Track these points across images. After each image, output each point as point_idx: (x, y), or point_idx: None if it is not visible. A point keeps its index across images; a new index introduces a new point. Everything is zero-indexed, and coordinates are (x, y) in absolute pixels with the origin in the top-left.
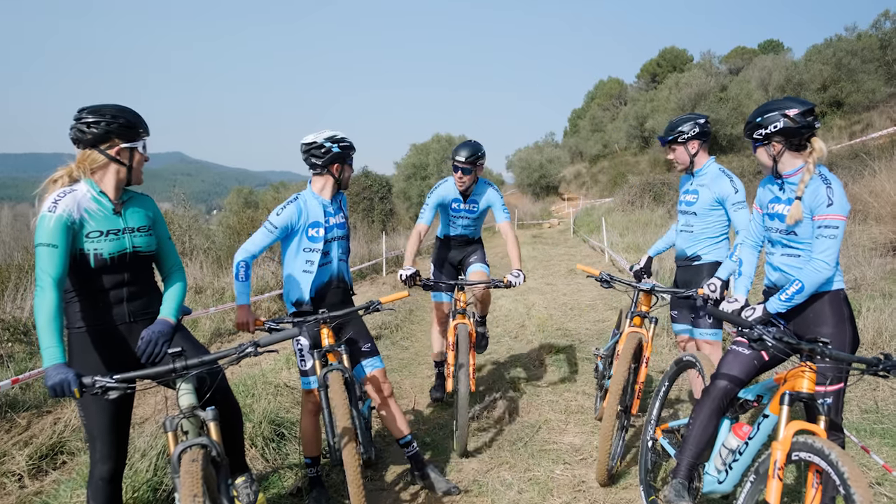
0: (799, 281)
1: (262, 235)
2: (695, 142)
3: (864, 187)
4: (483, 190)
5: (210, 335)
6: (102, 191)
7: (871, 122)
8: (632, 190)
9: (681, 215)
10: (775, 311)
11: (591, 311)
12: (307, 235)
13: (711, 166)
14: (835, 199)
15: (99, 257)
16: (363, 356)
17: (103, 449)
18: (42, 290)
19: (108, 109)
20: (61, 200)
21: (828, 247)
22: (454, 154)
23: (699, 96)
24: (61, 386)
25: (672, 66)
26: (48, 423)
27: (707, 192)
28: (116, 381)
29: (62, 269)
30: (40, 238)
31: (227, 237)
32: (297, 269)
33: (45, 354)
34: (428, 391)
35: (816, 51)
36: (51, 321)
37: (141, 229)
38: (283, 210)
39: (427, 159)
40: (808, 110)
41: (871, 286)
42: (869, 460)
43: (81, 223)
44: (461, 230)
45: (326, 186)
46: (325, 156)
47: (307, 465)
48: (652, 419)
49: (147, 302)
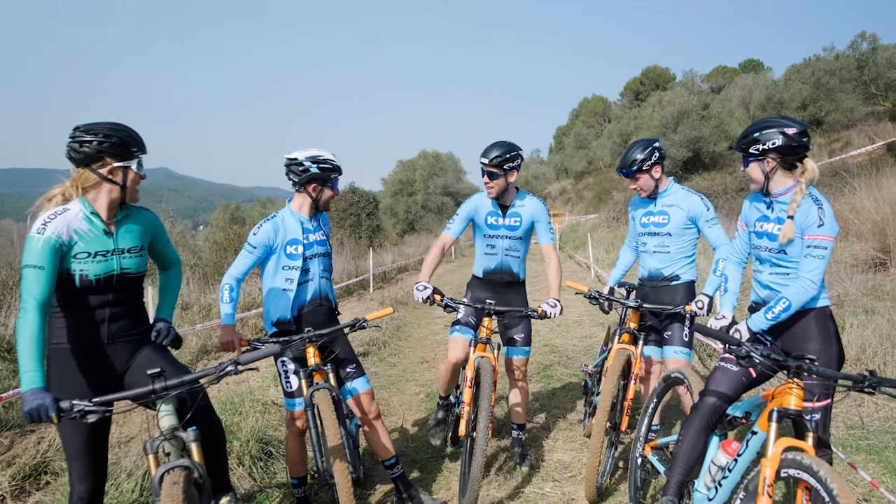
0: (786, 299)
1: (244, 257)
2: (657, 166)
3: (845, 205)
4: (526, 201)
5: (197, 352)
6: (95, 210)
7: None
8: (616, 206)
9: (649, 237)
10: (759, 330)
11: (578, 328)
12: (285, 253)
13: (674, 187)
14: (825, 220)
15: (84, 278)
16: (349, 378)
17: (80, 469)
18: (25, 313)
19: (101, 128)
20: (51, 222)
21: (816, 266)
22: (481, 155)
23: (682, 114)
24: (38, 411)
25: (655, 84)
26: (31, 443)
27: (678, 211)
28: (95, 404)
29: (48, 292)
30: (27, 259)
31: (214, 253)
32: (277, 288)
33: (24, 378)
34: (416, 407)
35: (796, 70)
36: (32, 345)
37: (132, 250)
38: (259, 229)
39: (414, 175)
40: (803, 131)
41: (853, 302)
42: (856, 476)
43: (70, 244)
44: (503, 257)
45: (304, 205)
46: (303, 174)
47: (294, 486)
48: (641, 436)
49: (130, 323)
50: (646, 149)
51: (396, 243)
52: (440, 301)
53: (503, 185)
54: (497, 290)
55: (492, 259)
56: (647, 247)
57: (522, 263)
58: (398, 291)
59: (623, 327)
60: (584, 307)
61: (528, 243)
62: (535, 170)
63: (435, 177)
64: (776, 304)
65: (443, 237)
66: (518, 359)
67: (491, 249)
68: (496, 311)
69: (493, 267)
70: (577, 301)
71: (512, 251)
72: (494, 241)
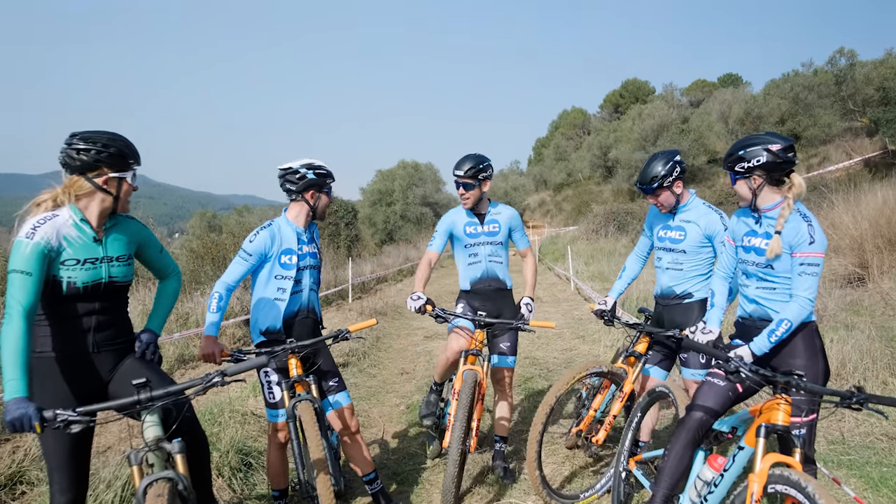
0: (787, 320)
1: (238, 265)
2: (679, 181)
3: (824, 220)
4: (500, 208)
5: (174, 361)
6: (85, 218)
7: (828, 155)
8: (596, 219)
9: (664, 253)
10: (762, 353)
11: (558, 340)
12: (279, 262)
13: (695, 201)
14: (816, 237)
15: (72, 285)
16: (331, 391)
17: (62, 481)
18: (10, 319)
19: (100, 137)
20: (40, 227)
21: (811, 284)
22: (454, 168)
23: (661, 127)
24: (21, 421)
25: (635, 97)
26: (6, 452)
27: (695, 228)
28: (79, 414)
29: (34, 298)
30: (14, 264)
31: (190, 261)
32: (268, 297)
33: (7, 387)
34: (397, 419)
35: (774, 85)
36: (16, 353)
37: (120, 259)
38: (255, 237)
39: (393, 185)
40: (789, 146)
41: (832, 318)
42: (839, 492)
43: (59, 251)
44: (487, 264)
45: (301, 214)
46: (300, 182)
47: (275, 498)
48: (625, 450)
49: (115, 333)
50: (667, 163)
51: (375, 253)
52: (431, 311)
53: (478, 196)
54: (489, 299)
55: (476, 268)
56: (661, 263)
57: (506, 270)
58: (377, 302)
59: (631, 350)
60: (564, 319)
61: (507, 250)
62: (515, 181)
63: (414, 187)
64: (778, 326)
65: (428, 253)
66: (504, 368)
67: (474, 258)
68: (486, 322)
69: (480, 275)
70: (556, 313)
71: (495, 257)
72: (476, 250)
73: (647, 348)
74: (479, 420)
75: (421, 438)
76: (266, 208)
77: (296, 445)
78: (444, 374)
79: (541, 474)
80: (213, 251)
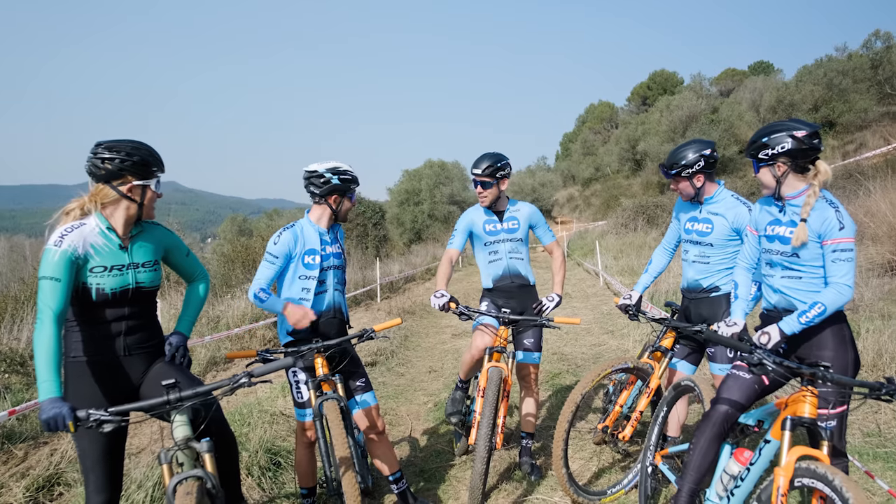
0: (821, 304)
1: (266, 268)
2: (700, 175)
3: (860, 207)
4: (519, 206)
5: (206, 363)
6: (111, 226)
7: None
8: (625, 213)
9: (691, 245)
10: (791, 332)
11: (587, 335)
12: (303, 263)
13: (723, 193)
14: (845, 223)
15: (101, 292)
16: (357, 391)
17: (97, 480)
18: (42, 324)
19: (123, 146)
20: (68, 235)
21: (847, 270)
22: (472, 167)
23: (690, 118)
24: (55, 420)
25: (662, 88)
26: (45, 455)
27: (723, 221)
28: (111, 414)
29: (63, 304)
30: (44, 271)
31: (222, 265)
32: (292, 297)
33: (41, 388)
34: (424, 417)
35: (807, 71)
36: (48, 355)
37: (146, 265)
38: (279, 238)
39: (420, 185)
40: (814, 133)
41: (869, 307)
42: (873, 485)
43: (86, 258)
44: (508, 261)
45: (323, 216)
46: (324, 186)
47: (303, 496)
48: (651, 445)
49: (145, 337)
50: (695, 153)
51: (403, 253)
52: (455, 309)
53: (496, 194)
54: (512, 296)
55: (498, 265)
56: (688, 255)
57: (528, 266)
58: (405, 301)
59: (657, 345)
60: (593, 315)
61: (527, 247)
62: (542, 177)
63: (441, 186)
64: (811, 308)
65: (448, 251)
66: (529, 364)
67: (494, 256)
68: (510, 319)
69: (502, 273)
70: (584, 309)
71: (515, 254)
72: (497, 247)
73: (674, 343)
74: (505, 417)
75: (448, 436)
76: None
77: (322, 443)
78: (470, 372)
79: (567, 471)
80: (244, 255)
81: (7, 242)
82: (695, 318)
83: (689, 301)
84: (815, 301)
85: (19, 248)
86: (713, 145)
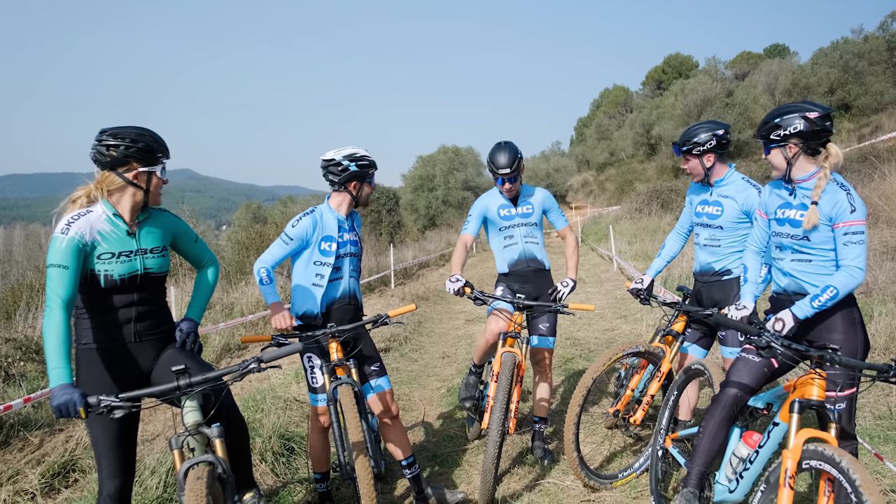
0: (833, 287)
1: (279, 247)
2: (710, 154)
3: (874, 191)
4: (532, 191)
5: (220, 350)
6: (118, 213)
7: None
8: (639, 198)
9: (702, 228)
10: (805, 317)
11: (600, 321)
12: (319, 249)
13: (733, 176)
14: (856, 205)
15: (109, 278)
16: (371, 376)
17: (110, 466)
18: (51, 311)
19: (128, 133)
20: (75, 223)
21: (859, 253)
22: (492, 163)
23: (705, 102)
24: (66, 406)
25: (677, 72)
26: (60, 441)
27: (733, 204)
28: (121, 400)
29: (72, 291)
30: (52, 259)
31: (237, 252)
32: (306, 282)
33: (52, 375)
34: (438, 402)
35: (823, 54)
36: (58, 342)
37: (154, 251)
38: (298, 222)
39: (434, 171)
40: (826, 114)
41: (882, 290)
42: (883, 467)
43: (93, 245)
44: (524, 245)
45: (343, 203)
46: (342, 174)
47: (316, 481)
48: (662, 428)
49: (155, 322)
50: (708, 133)
51: (417, 239)
52: (470, 293)
53: (520, 184)
54: (528, 281)
55: (513, 250)
56: (699, 238)
57: (543, 251)
58: (419, 287)
59: (669, 329)
60: (606, 300)
61: (542, 232)
62: (557, 162)
63: (455, 171)
64: (823, 292)
65: (463, 237)
66: (544, 349)
67: (510, 240)
68: (525, 305)
69: (517, 257)
70: (597, 294)
71: (530, 238)
72: (512, 231)
73: (685, 327)
74: (518, 402)
75: (461, 421)
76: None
77: (336, 428)
78: (483, 357)
79: (579, 455)
80: (258, 242)
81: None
82: (707, 301)
83: (701, 284)
84: (827, 285)
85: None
86: (727, 127)
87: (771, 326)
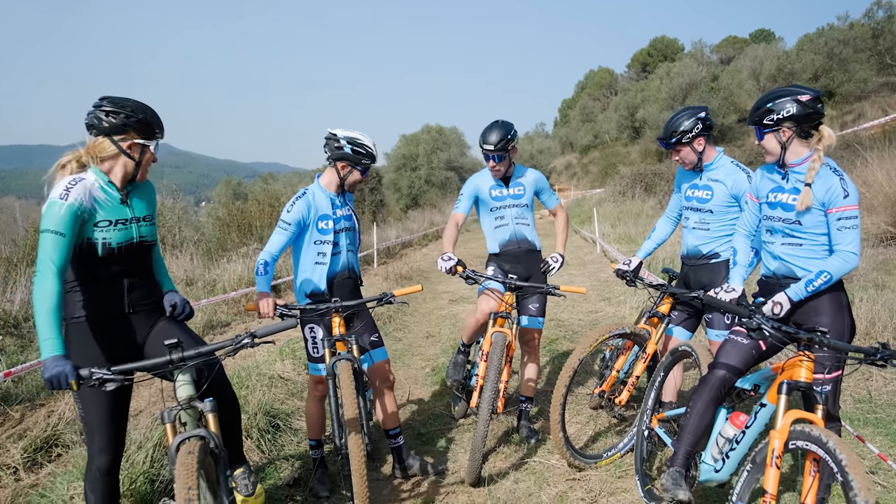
0: (827, 272)
1: (279, 235)
2: (700, 138)
3: (857, 178)
4: (524, 172)
5: (203, 327)
6: (111, 181)
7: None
8: (623, 181)
9: (691, 212)
10: (799, 299)
11: (584, 302)
12: (317, 228)
13: (723, 160)
14: (849, 190)
15: (107, 246)
16: (370, 346)
17: (101, 441)
18: (44, 278)
19: (129, 103)
20: (73, 188)
21: (853, 237)
22: (482, 140)
23: (690, 86)
24: (58, 378)
25: (663, 55)
26: (42, 416)
27: (722, 188)
28: (114, 373)
29: (66, 258)
30: (48, 224)
31: (217, 229)
32: (309, 261)
33: (44, 346)
34: (422, 381)
35: (808, 40)
36: (51, 312)
37: (146, 218)
38: (292, 206)
39: (417, 150)
40: (817, 97)
41: (863, 277)
42: (864, 449)
43: (91, 212)
44: (514, 226)
45: (332, 182)
46: (336, 151)
47: (311, 448)
48: (648, 408)
49: (147, 292)
50: (691, 118)
51: (400, 218)
52: (462, 272)
53: (509, 164)
54: (519, 261)
55: (504, 230)
56: (689, 222)
57: (534, 232)
58: (402, 267)
59: (654, 311)
60: (590, 282)
61: (532, 213)
62: (540, 144)
63: (438, 151)
64: (817, 276)
65: (454, 215)
66: (533, 329)
67: (500, 221)
68: (517, 285)
69: (508, 238)
70: (581, 276)
71: (521, 219)
72: (503, 212)
73: (671, 309)
74: (507, 382)
75: (446, 399)
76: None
77: (333, 403)
78: (473, 336)
79: (564, 435)
80: (239, 218)
81: None
82: (694, 284)
83: (688, 268)
84: (821, 269)
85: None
86: (707, 109)
87: (769, 310)
